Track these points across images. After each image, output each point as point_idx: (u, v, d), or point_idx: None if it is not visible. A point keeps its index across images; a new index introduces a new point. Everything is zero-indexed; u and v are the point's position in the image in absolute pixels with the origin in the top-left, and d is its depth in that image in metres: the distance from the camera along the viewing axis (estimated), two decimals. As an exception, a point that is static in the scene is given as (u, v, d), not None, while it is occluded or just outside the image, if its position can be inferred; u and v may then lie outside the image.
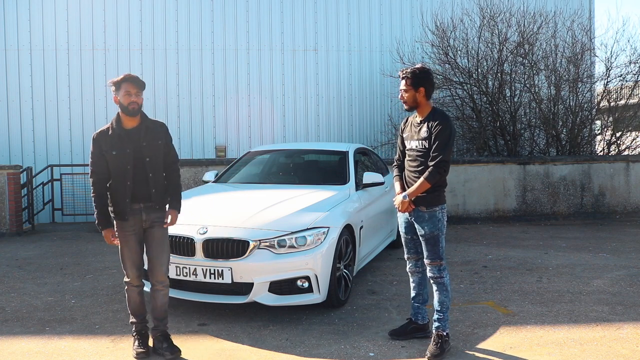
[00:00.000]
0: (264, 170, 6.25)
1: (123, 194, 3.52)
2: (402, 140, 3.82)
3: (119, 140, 3.52)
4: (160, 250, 3.63)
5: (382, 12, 11.84)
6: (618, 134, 11.15)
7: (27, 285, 5.52)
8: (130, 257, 3.61)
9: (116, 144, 3.51)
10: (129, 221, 3.55)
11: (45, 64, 10.82)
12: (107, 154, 3.51)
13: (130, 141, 3.53)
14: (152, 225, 3.60)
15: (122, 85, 3.48)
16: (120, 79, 3.51)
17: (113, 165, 3.53)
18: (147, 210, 3.58)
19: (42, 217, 10.17)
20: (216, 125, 11.30)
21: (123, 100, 3.48)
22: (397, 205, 3.71)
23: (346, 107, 11.76)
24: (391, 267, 6.06)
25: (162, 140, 3.64)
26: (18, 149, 10.73)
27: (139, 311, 3.72)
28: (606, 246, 7.27)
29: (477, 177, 9.65)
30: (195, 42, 11.20)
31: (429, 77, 3.64)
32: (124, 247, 3.60)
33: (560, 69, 10.51)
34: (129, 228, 3.57)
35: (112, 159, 3.52)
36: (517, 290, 5.14)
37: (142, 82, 3.57)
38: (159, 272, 3.63)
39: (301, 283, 4.23)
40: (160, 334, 3.69)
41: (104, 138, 3.54)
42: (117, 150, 3.51)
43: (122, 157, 3.51)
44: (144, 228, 3.60)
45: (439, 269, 3.63)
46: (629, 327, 4.09)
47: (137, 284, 3.67)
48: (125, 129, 3.55)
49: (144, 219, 3.58)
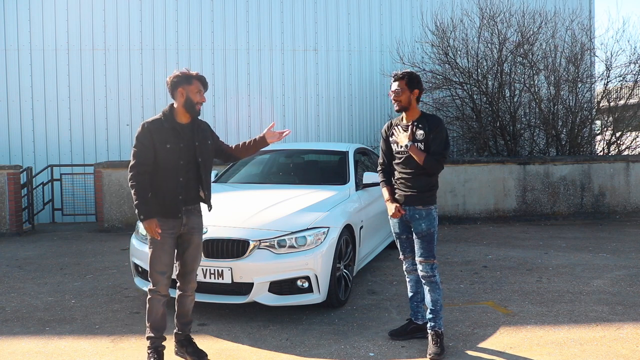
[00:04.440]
0: (264, 170, 6.25)
1: (174, 191, 3.29)
2: (388, 144, 3.83)
3: (173, 133, 3.30)
4: (196, 257, 3.48)
5: (382, 12, 11.84)
6: (618, 134, 11.15)
7: (27, 285, 5.52)
8: (164, 262, 3.34)
9: (170, 137, 3.28)
10: (169, 223, 3.31)
11: (45, 64, 10.81)
12: (160, 146, 3.26)
13: (185, 137, 3.33)
14: (191, 232, 3.42)
15: (194, 81, 3.31)
16: (195, 73, 3.34)
17: (165, 158, 3.26)
18: (189, 214, 3.39)
19: (42, 217, 10.17)
20: (216, 125, 11.28)
21: (193, 97, 3.29)
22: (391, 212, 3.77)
23: (346, 107, 11.76)
24: (391, 267, 6.06)
25: (210, 140, 3.49)
26: (18, 149, 10.73)
27: (160, 324, 3.43)
28: (606, 246, 7.27)
29: (477, 177, 9.65)
30: (195, 42, 11.19)
31: (421, 81, 3.81)
32: (159, 250, 3.32)
33: (560, 69, 10.50)
34: (167, 231, 3.31)
35: (164, 153, 3.26)
36: (517, 290, 5.14)
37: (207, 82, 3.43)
38: (190, 278, 3.49)
39: (301, 283, 4.23)
40: (185, 338, 3.59)
41: (156, 128, 3.29)
42: (171, 143, 3.27)
43: (176, 152, 3.28)
44: (181, 233, 3.39)
45: (431, 267, 3.65)
46: (629, 327, 4.09)
47: (164, 293, 3.39)
48: (180, 123, 3.35)
49: (184, 223, 3.37)
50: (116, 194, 9.00)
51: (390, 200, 3.80)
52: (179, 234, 3.40)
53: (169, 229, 3.32)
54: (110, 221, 9.01)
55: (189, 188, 3.37)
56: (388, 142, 3.83)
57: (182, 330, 3.60)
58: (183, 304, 3.55)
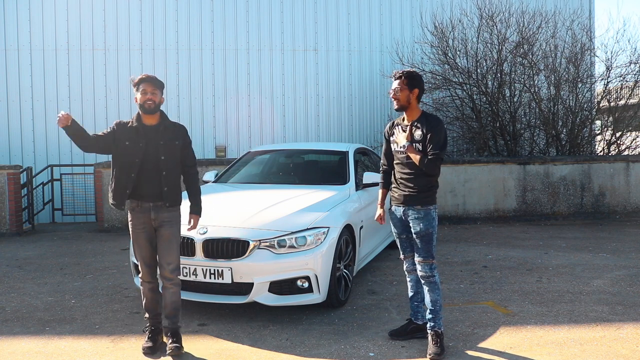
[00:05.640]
0: (264, 170, 6.25)
1: (124, 185, 3.57)
2: (389, 144, 3.84)
3: (135, 133, 3.61)
4: (168, 249, 3.66)
5: (382, 12, 11.84)
6: (618, 134, 11.14)
7: (27, 285, 5.52)
8: (139, 254, 3.69)
9: (132, 136, 3.60)
10: (140, 219, 3.61)
11: (45, 64, 10.82)
12: (119, 142, 3.58)
13: (147, 137, 3.61)
14: (162, 225, 3.64)
15: (140, 86, 3.62)
16: (138, 79, 3.66)
17: (122, 155, 3.59)
18: (157, 209, 3.62)
19: (42, 217, 10.17)
20: (216, 125, 11.30)
21: (140, 99, 3.61)
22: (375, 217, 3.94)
23: (346, 107, 11.76)
24: (391, 267, 6.06)
25: (179, 141, 3.71)
26: (18, 149, 10.73)
27: (149, 307, 3.78)
28: (606, 246, 7.27)
29: (477, 177, 9.65)
30: (195, 42, 11.20)
31: (422, 81, 3.79)
32: (134, 243, 3.69)
33: (560, 69, 10.50)
34: (139, 225, 3.63)
35: (122, 150, 3.58)
36: (517, 290, 5.14)
37: (159, 81, 3.68)
38: (165, 270, 3.68)
39: (301, 283, 4.23)
40: (169, 331, 3.73)
41: (122, 127, 3.64)
42: (130, 141, 3.58)
43: (133, 150, 3.57)
44: (154, 227, 3.65)
45: (430, 267, 3.65)
46: (629, 327, 4.09)
47: (148, 280, 3.74)
48: (145, 124, 3.65)
49: (152, 218, 3.62)
50: (116, 194, 8.98)
51: (380, 204, 3.96)
52: (155, 227, 3.65)
53: (140, 225, 3.64)
54: (110, 221, 9.01)
55: (152, 187, 3.59)
56: (389, 142, 3.83)
57: (167, 323, 3.76)
58: (164, 295, 3.75)
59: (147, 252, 3.69)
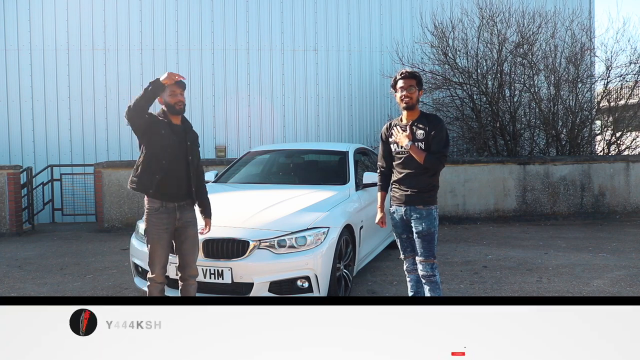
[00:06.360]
0: (264, 170, 6.25)
1: (154, 171, 3.53)
2: (387, 146, 3.83)
3: (169, 127, 3.60)
4: (193, 248, 3.74)
5: (382, 12, 11.85)
6: (618, 134, 11.15)
7: (27, 285, 5.52)
8: (160, 254, 3.64)
9: (166, 129, 3.58)
10: (163, 219, 3.59)
11: (45, 64, 10.82)
12: (155, 129, 3.53)
13: (178, 136, 3.63)
14: (187, 225, 3.68)
15: (168, 87, 3.58)
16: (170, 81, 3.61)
17: (159, 140, 3.53)
18: (182, 209, 3.65)
19: (42, 217, 10.17)
20: (216, 125, 11.31)
21: (170, 100, 3.59)
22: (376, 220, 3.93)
23: (346, 107, 11.77)
24: (391, 267, 6.06)
25: (198, 144, 3.84)
26: (18, 149, 10.74)
27: None
28: (606, 246, 7.27)
29: (477, 177, 9.65)
30: (195, 42, 11.20)
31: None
32: (157, 244, 3.62)
33: (560, 69, 10.51)
34: (162, 226, 3.60)
35: (158, 136, 3.54)
36: (517, 290, 5.14)
37: (185, 83, 3.70)
38: (192, 269, 3.74)
39: (301, 283, 4.22)
40: None
41: (155, 117, 3.59)
42: (165, 131, 3.56)
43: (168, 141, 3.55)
44: (176, 227, 3.66)
45: (431, 267, 3.65)
46: (628, 327, 4.09)
47: (161, 281, 3.72)
48: (172, 123, 3.65)
49: (177, 218, 3.64)
50: (116, 194, 9.00)
51: (380, 207, 3.95)
52: (175, 227, 3.65)
53: (164, 225, 3.60)
54: (110, 221, 9.01)
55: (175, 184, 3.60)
56: (387, 144, 3.82)
57: None
58: (187, 291, 3.76)
59: (167, 252, 3.68)
